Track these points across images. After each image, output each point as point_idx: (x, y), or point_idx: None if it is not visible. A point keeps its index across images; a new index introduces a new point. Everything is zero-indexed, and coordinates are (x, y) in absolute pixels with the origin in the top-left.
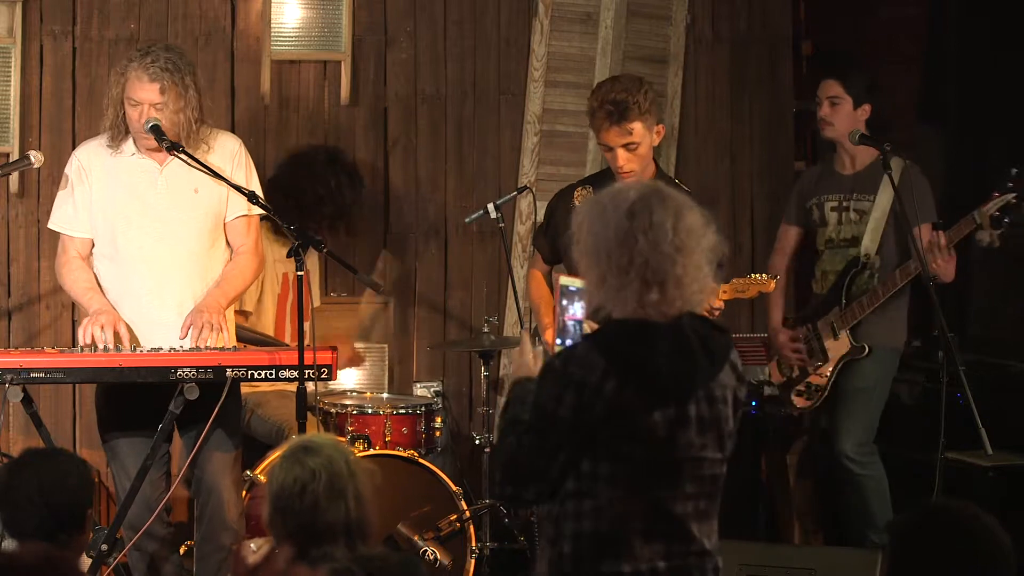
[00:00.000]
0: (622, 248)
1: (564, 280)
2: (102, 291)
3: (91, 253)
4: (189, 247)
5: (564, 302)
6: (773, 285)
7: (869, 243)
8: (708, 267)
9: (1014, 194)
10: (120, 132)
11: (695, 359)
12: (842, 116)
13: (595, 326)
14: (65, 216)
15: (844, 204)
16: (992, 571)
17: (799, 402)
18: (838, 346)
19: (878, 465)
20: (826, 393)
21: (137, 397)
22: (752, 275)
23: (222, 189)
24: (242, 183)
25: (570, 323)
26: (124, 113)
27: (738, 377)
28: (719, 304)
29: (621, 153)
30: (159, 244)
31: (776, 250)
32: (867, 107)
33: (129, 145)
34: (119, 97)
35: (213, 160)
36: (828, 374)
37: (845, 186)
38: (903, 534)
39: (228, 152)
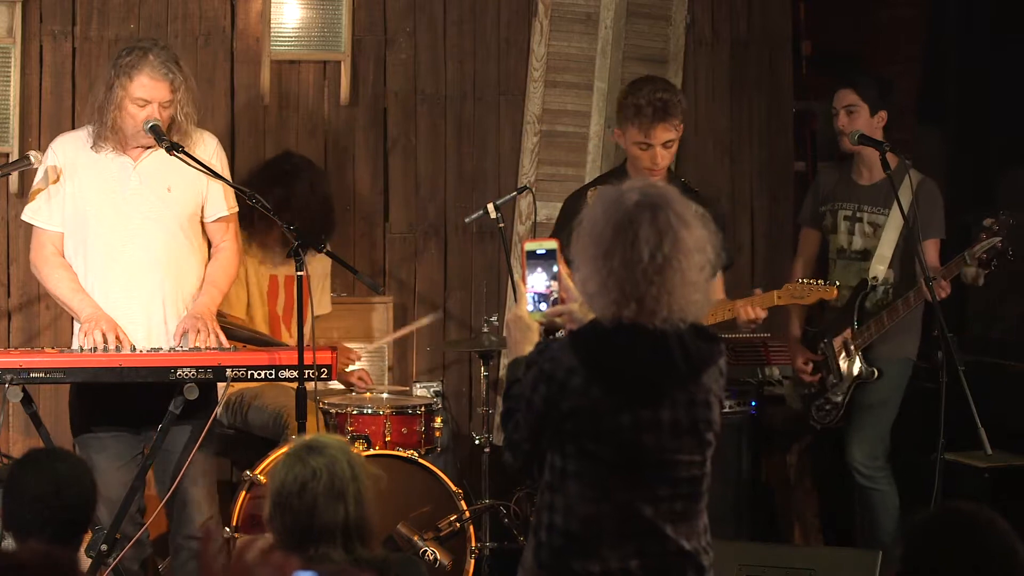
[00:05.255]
0: (605, 258)
1: (530, 245)
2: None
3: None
4: (160, 246)
5: (530, 269)
6: (835, 292)
7: (879, 264)
8: (703, 282)
9: (999, 238)
10: (106, 132)
11: (671, 364)
12: (860, 125)
13: (571, 284)
14: (38, 208)
15: (858, 215)
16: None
17: (819, 418)
18: (851, 366)
19: (887, 480)
20: (843, 411)
21: (113, 394)
22: (811, 281)
23: (199, 189)
24: (218, 183)
25: (537, 293)
26: (119, 115)
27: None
28: (758, 315)
29: (660, 150)
30: (129, 242)
31: (797, 254)
32: (883, 114)
33: (109, 142)
34: (120, 100)
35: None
36: (843, 393)
37: (859, 196)
38: (916, 537)
39: (206, 152)
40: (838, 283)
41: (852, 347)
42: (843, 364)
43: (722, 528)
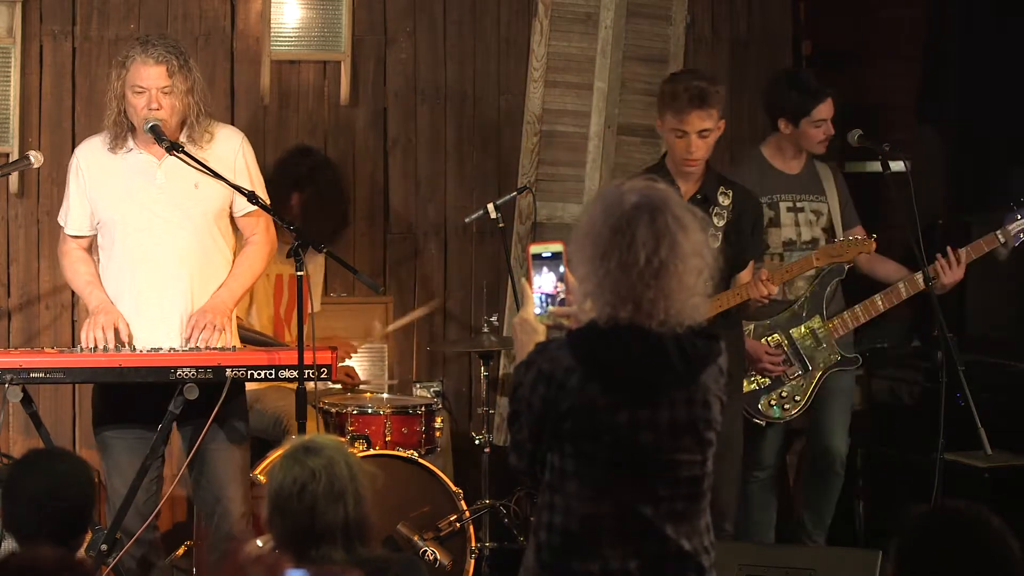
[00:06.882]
0: (602, 260)
1: (535, 248)
2: (102, 285)
3: (90, 247)
4: (188, 244)
5: (537, 271)
6: (874, 245)
7: None
8: (701, 285)
9: None
10: (122, 129)
11: (668, 364)
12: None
13: (574, 286)
14: (64, 212)
15: (798, 205)
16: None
17: (775, 411)
18: (823, 354)
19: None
20: (809, 402)
21: (134, 393)
22: (845, 239)
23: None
24: (245, 179)
25: (545, 293)
26: (126, 108)
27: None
28: (771, 290)
29: (695, 139)
30: (158, 241)
31: None
32: None
33: (129, 141)
34: (121, 90)
35: (215, 153)
36: (812, 383)
37: (795, 186)
38: (911, 534)
39: (231, 147)
40: (875, 236)
41: (824, 335)
42: (811, 354)
43: (722, 528)
